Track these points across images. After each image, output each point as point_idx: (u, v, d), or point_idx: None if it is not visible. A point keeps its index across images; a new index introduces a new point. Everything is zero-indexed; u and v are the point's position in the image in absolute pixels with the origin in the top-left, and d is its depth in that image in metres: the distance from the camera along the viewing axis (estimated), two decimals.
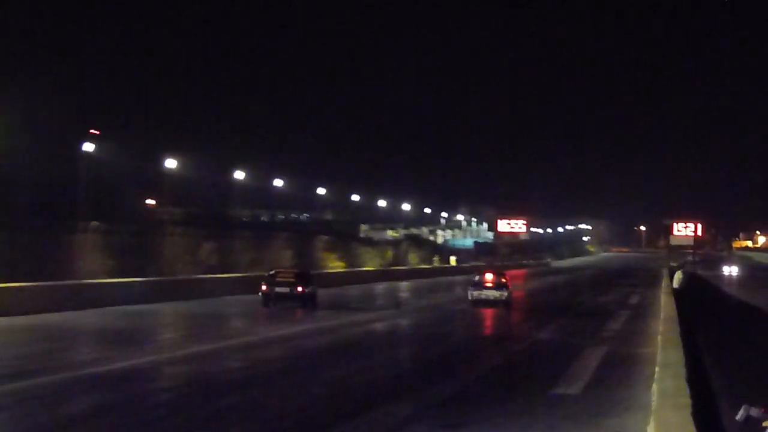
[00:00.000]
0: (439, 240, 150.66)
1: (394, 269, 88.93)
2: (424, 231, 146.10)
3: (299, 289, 43.70)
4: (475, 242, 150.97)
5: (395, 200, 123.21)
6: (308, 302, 43.71)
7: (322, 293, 47.74)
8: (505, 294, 47.92)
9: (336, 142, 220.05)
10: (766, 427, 7.59)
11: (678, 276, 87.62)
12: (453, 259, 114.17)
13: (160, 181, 67.08)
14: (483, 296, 47.83)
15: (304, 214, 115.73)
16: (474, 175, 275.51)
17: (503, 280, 48.86)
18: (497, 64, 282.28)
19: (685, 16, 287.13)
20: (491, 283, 48.37)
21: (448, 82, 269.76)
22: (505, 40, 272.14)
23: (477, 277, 49.70)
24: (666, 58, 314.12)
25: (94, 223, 50.90)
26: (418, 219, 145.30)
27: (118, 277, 46.72)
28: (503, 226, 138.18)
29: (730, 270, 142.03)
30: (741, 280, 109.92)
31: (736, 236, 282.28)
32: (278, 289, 43.49)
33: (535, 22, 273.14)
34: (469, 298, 48.44)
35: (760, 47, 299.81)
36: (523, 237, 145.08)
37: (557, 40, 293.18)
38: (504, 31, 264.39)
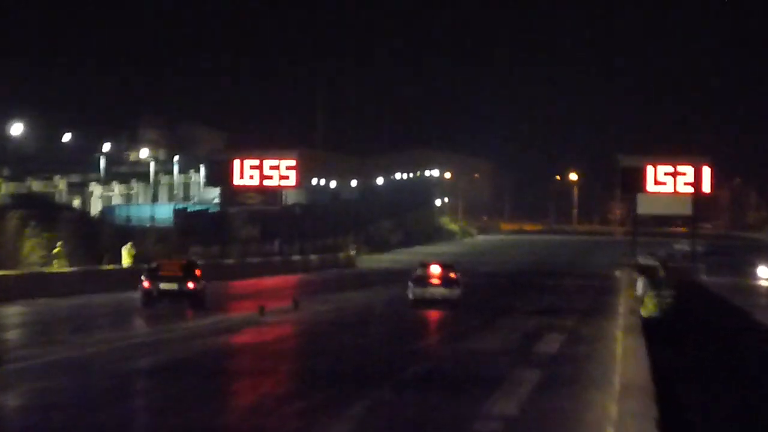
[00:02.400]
0: (95, 203, 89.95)
1: None
2: (60, 184, 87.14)
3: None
4: (177, 210, 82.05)
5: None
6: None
7: None
8: (456, 292, 42.67)
9: None
10: None
11: (648, 294, 38.42)
12: (127, 251, 55.97)
13: None
14: (428, 295, 42.64)
15: None
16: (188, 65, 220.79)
17: (452, 275, 43.33)
18: None
19: None
20: (438, 278, 43.16)
21: None
22: None
23: (420, 271, 44.06)
24: None
25: None
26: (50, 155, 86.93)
27: None
28: (244, 174, 75.38)
29: None
30: None
31: None
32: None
33: None
34: (410, 297, 42.97)
35: None
36: (288, 202, 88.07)
37: None
38: None
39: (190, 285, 39.78)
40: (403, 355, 26.66)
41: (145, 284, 40.07)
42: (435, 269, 44.09)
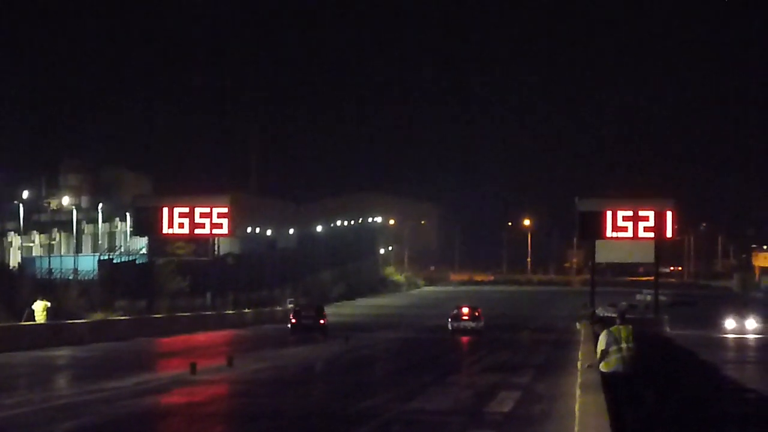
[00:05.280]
0: (14, 254, 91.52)
1: None
2: None
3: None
4: (102, 261, 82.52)
5: None
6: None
7: None
8: (481, 324, 68.34)
9: None
10: None
11: (602, 342, 27.02)
12: (41, 308, 53.98)
13: None
14: (461, 326, 68.24)
15: None
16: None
17: (476, 313, 69.38)
18: None
19: None
20: (467, 316, 69.09)
21: None
22: None
23: (455, 311, 70.03)
24: None
25: None
26: None
27: None
28: (173, 222, 75.25)
29: (755, 325, 75.16)
30: None
31: (749, 241, 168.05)
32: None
33: None
34: (450, 328, 68.34)
35: None
36: (220, 252, 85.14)
37: None
38: None
39: (321, 321, 63.00)
40: (348, 416, 26.62)
41: (294, 320, 63.40)
42: (465, 309, 70.29)
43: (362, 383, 36.15)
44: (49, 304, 53.55)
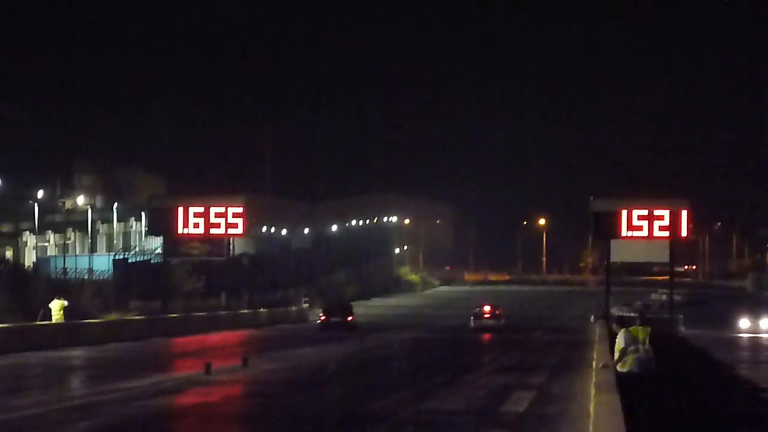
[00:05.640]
0: (29, 254, 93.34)
1: None
2: None
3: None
4: (116, 260, 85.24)
5: None
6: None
7: None
8: (502, 322, 72.77)
9: None
10: None
11: (620, 342, 28.78)
12: (58, 307, 53.94)
13: None
14: (483, 324, 72.28)
15: None
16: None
17: (497, 312, 73.87)
18: None
19: None
20: (489, 314, 73.46)
21: None
22: None
23: (477, 310, 74.51)
24: None
25: None
26: None
27: None
28: (188, 222, 74.94)
29: None
30: None
31: (763, 241, 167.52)
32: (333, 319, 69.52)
33: None
34: (472, 325, 72.66)
35: None
36: (235, 252, 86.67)
37: None
38: None
39: (349, 318, 70.12)
40: (362, 417, 26.61)
41: (323, 317, 70.66)
42: (487, 308, 74.65)
43: (376, 383, 36.12)
44: (66, 303, 53.65)
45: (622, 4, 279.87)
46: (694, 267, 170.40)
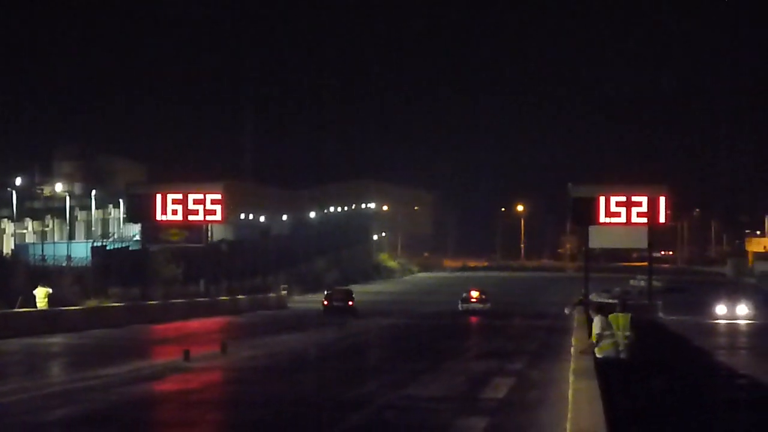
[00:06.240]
0: (7, 241, 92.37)
1: None
2: None
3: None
4: (95, 247, 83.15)
5: None
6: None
7: None
8: (488, 306, 79.54)
9: None
10: None
11: (595, 327, 29.37)
12: (43, 294, 53.44)
13: None
14: (470, 308, 78.88)
15: None
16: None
17: (483, 296, 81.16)
18: None
19: None
20: (476, 298, 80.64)
21: None
22: None
23: (464, 294, 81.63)
24: None
25: None
26: None
27: None
28: (167, 208, 74.32)
29: (747, 311, 75.42)
30: None
31: (743, 227, 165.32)
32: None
33: None
34: (460, 309, 79.00)
35: None
36: (214, 238, 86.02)
37: None
38: None
39: (350, 303, 74.70)
40: (341, 403, 26.66)
41: (326, 302, 74.94)
42: (474, 293, 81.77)
43: (356, 370, 36.21)
44: (50, 290, 53.45)
45: None
46: (672, 253, 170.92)
